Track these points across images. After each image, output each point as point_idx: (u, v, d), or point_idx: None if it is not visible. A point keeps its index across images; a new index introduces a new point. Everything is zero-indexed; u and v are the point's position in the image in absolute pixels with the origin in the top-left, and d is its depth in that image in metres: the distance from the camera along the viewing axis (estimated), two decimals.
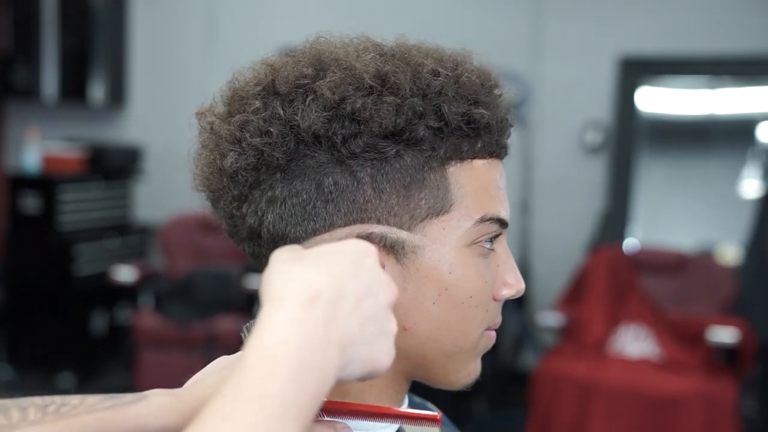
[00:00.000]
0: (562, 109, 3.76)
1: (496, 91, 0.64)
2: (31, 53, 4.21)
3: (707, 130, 3.83)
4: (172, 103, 4.16)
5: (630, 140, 3.68)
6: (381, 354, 0.49)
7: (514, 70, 3.53)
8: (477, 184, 0.62)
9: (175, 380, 0.54)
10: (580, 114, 3.76)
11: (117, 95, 4.34)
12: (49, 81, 4.23)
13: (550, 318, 3.18)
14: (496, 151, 0.64)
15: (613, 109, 3.71)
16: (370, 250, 0.51)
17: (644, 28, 3.66)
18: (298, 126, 0.59)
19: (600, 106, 3.74)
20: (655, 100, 3.78)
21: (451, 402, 2.99)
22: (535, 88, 3.65)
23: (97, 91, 4.26)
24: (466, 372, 0.66)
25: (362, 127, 0.59)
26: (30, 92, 4.27)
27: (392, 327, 0.51)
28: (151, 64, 4.40)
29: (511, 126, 0.66)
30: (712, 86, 3.76)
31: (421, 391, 0.78)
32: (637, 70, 3.65)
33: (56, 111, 4.49)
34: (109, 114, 4.48)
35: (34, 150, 3.99)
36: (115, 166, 4.16)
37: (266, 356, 0.44)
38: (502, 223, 0.63)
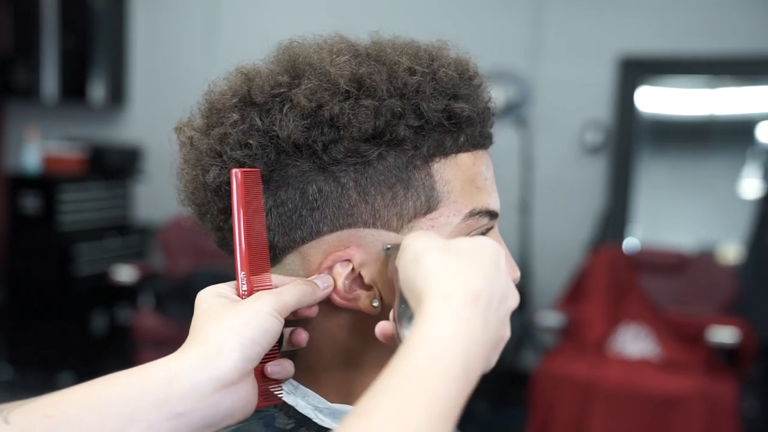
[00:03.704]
0: (562, 109, 3.76)
1: (475, 82, 0.63)
2: (31, 53, 4.21)
3: (707, 130, 3.83)
4: (172, 103, 4.15)
5: (630, 140, 3.68)
6: (496, 358, 0.51)
7: (514, 70, 3.53)
8: (463, 178, 0.61)
9: None
10: (580, 114, 3.75)
11: (117, 95, 4.34)
12: (49, 81, 4.23)
13: (550, 318, 3.18)
14: (480, 142, 0.63)
15: (613, 109, 3.71)
16: (501, 250, 0.53)
17: (644, 28, 3.65)
18: (278, 136, 0.58)
19: (600, 106, 3.74)
20: (655, 100, 3.78)
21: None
22: (535, 88, 3.65)
23: (97, 91, 4.26)
24: None
25: (342, 132, 0.58)
26: (30, 92, 4.26)
27: (509, 333, 0.52)
28: (151, 64, 4.40)
29: (493, 114, 0.65)
30: (712, 86, 3.76)
31: None
32: (637, 70, 3.65)
33: (56, 111, 4.49)
34: (109, 114, 4.48)
35: (34, 150, 3.99)
36: (115, 166, 4.16)
37: (434, 355, 0.44)
38: (492, 215, 0.63)
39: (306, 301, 0.58)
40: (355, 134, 0.58)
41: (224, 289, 0.58)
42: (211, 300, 0.56)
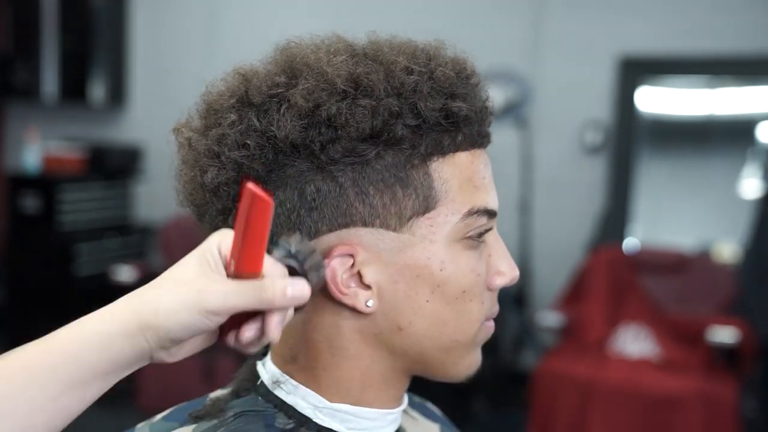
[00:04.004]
0: (562, 109, 3.76)
1: (472, 81, 0.63)
2: (31, 53, 4.21)
3: (707, 130, 3.83)
4: (172, 103, 4.14)
5: (630, 140, 3.68)
6: None
7: (514, 70, 3.53)
8: (461, 177, 0.61)
9: (175, 380, 0.54)
10: (580, 114, 3.75)
11: (117, 95, 4.35)
12: (49, 81, 4.23)
13: (550, 318, 3.18)
14: (478, 141, 0.63)
15: (613, 109, 3.71)
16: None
17: (644, 28, 3.65)
18: (275, 136, 0.58)
19: (600, 106, 3.74)
20: (655, 100, 3.78)
21: (451, 402, 2.99)
22: (535, 88, 3.65)
23: (97, 91, 4.26)
24: (466, 364, 0.66)
25: (339, 132, 0.58)
26: (30, 92, 4.27)
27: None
28: (151, 64, 4.40)
29: (491, 114, 0.65)
30: (712, 86, 3.76)
31: (422, 390, 0.79)
32: (637, 70, 3.65)
33: (56, 111, 4.49)
34: (109, 114, 4.48)
35: (34, 150, 4.00)
36: (115, 166, 4.16)
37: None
38: (491, 214, 0.63)
39: (255, 306, 0.53)
40: (353, 134, 0.58)
41: (216, 250, 0.55)
42: (197, 260, 0.56)
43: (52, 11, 4.17)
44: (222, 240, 0.56)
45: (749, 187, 3.53)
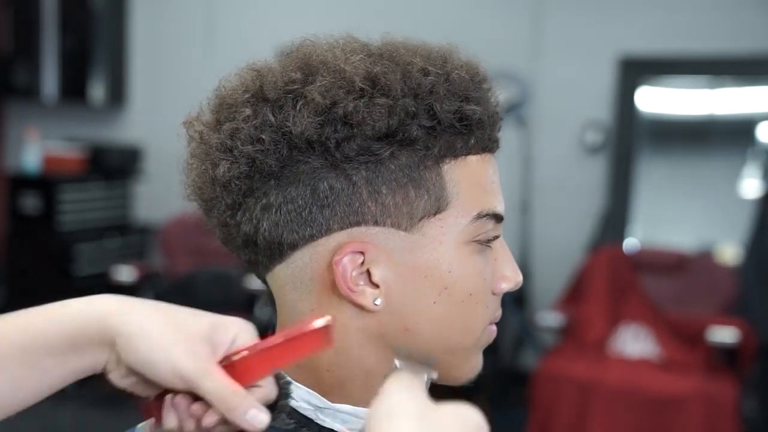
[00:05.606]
0: (562, 109, 3.76)
1: (485, 86, 0.64)
2: (31, 53, 4.21)
3: (707, 130, 3.83)
4: (172, 103, 4.15)
5: (630, 140, 3.68)
6: None
7: (514, 70, 3.53)
8: (472, 180, 0.62)
9: None
10: (580, 114, 3.75)
11: (117, 95, 4.34)
12: (49, 81, 4.23)
13: (550, 318, 3.18)
14: (489, 145, 0.64)
15: (613, 109, 3.71)
16: (485, 427, 0.52)
17: (644, 28, 3.65)
18: (290, 132, 0.59)
19: (600, 106, 3.74)
20: (655, 100, 3.78)
21: (450, 402, 2.98)
22: (535, 88, 3.65)
23: (97, 91, 4.26)
24: (469, 367, 0.66)
25: (355, 130, 0.58)
26: (30, 92, 4.27)
27: None
28: (151, 64, 4.40)
29: (501, 119, 0.66)
30: (712, 86, 3.76)
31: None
32: (637, 70, 3.65)
33: (56, 111, 4.49)
34: (109, 114, 4.48)
35: (34, 150, 3.99)
36: (115, 166, 4.16)
37: None
38: (498, 218, 0.63)
39: (210, 399, 0.52)
40: (369, 132, 0.58)
41: (229, 338, 0.55)
42: (208, 326, 0.54)
43: (52, 11, 4.17)
44: (240, 333, 0.55)
45: (749, 187, 3.53)
